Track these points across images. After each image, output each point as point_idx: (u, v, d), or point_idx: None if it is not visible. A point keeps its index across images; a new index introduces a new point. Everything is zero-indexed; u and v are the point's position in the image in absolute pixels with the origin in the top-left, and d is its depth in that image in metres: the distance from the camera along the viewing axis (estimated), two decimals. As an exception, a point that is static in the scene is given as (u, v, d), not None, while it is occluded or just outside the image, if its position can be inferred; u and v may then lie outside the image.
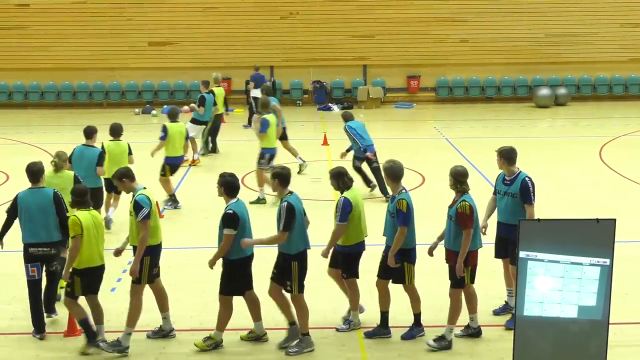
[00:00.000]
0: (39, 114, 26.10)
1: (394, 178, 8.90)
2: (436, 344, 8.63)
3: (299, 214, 8.55)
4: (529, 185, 9.01)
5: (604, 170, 17.24)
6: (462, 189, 8.76)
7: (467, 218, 8.52)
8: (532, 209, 8.98)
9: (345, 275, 9.07)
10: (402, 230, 8.66)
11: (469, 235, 8.54)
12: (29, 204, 8.96)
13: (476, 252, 8.75)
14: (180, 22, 26.88)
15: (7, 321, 9.39)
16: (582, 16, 27.20)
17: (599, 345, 7.23)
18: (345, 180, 8.94)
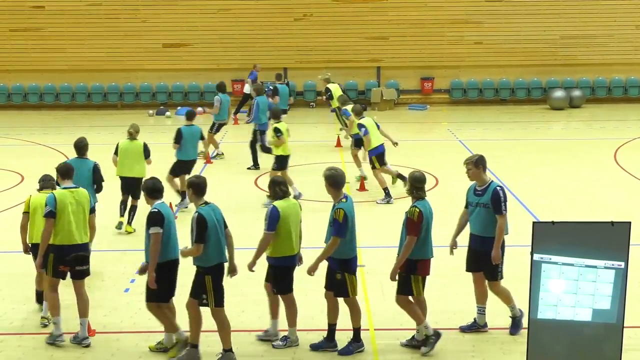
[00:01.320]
0: (54, 115, 26.25)
1: (335, 186, 8.54)
2: (429, 347, 8.55)
3: (213, 226, 8.20)
4: (500, 195, 8.70)
5: (619, 173, 17.14)
6: (418, 194, 8.56)
7: (414, 225, 8.37)
8: (503, 219, 8.71)
9: (275, 290, 8.70)
10: (334, 240, 8.33)
11: (411, 241, 8.39)
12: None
13: (427, 262, 8.56)
14: (194, 24, 26.95)
15: (21, 321, 9.44)
16: (597, 18, 27.07)
17: (614, 349, 7.18)
18: (276, 189, 8.60)
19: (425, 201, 8.58)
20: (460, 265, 11.15)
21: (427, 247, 8.53)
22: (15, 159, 18.96)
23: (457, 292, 10.21)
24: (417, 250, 8.47)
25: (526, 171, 17.19)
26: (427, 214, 8.49)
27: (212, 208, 8.32)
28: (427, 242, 8.52)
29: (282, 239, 8.53)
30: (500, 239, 8.75)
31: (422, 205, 8.51)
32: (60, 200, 8.60)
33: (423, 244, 8.49)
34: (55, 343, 8.70)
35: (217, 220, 8.28)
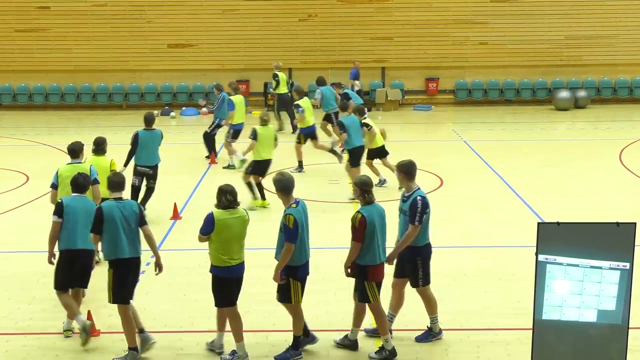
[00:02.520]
0: (59, 115, 26.31)
1: (284, 191, 8.35)
2: (377, 355, 8.46)
3: (111, 220, 8.14)
4: (418, 205, 8.44)
5: (624, 174, 17.11)
6: (368, 198, 8.37)
7: (355, 230, 8.18)
8: (413, 229, 8.46)
9: (214, 302, 8.45)
10: (288, 246, 8.12)
11: (354, 247, 8.23)
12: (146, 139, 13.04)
13: (377, 268, 8.35)
14: (199, 24, 26.99)
15: (26, 321, 9.46)
16: (602, 18, 27.03)
17: (619, 350, 7.17)
18: (222, 199, 8.28)
19: (373, 206, 8.37)
20: (463, 266, 11.18)
21: (376, 253, 8.29)
22: (21, 159, 19.00)
23: (461, 294, 10.21)
24: (366, 257, 8.30)
25: (531, 172, 17.17)
26: (373, 219, 8.25)
27: (117, 204, 8.33)
28: (374, 247, 8.28)
29: (218, 247, 8.23)
30: (403, 246, 8.52)
31: (368, 210, 8.28)
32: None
33: (370, 249, 8.27)
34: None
35: (124, 216, 8.29)
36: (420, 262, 8.72)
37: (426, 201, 8.59)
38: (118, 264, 8.35)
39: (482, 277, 10.78)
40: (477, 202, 14.77)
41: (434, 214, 13.82)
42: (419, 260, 8.70)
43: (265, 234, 12.76)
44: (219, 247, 8.23)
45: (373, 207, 8.37)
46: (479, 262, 11.38)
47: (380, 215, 8.39)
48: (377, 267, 8.39)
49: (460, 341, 8.87)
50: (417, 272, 8.72)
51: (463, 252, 11.92)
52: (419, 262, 8.70)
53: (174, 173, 16.50)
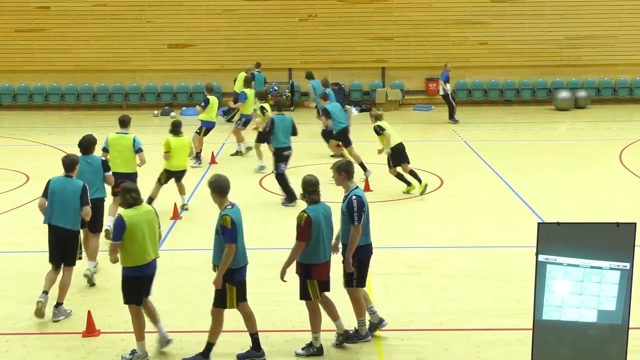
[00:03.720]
0: (59, 115, 26.31)
1: (218, 192, 8.27)
2: (304, 351, 8.46)
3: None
4: (354, 204, 8.37)
5: (624, 174, 17.11)
6: (310, 198, 8.38)
7: (300, 230, 8.17)
8: (355, 229, 8.39)
9: (123, 299, 8.40)
10: (230, 248, 8.00)
11: (298, 247, 8.22)
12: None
13: (321, 266, 8.37)
14: (199, 25, 26.99)
15: (26, 321, 9.46)
16: (602, 18, 27.03)
17: (619, 350, 7.17)
18: (126, 197, 8.29)
19: (318, 205, 8.39)
20: (463, 267, 11.18)
21: (320, 252, 8.32)
22: (21, 159, 19.00)
23: (461, 294, 10.21)
24: (310, 255, 8.31)
25: (531, 172, 17.17)
26: (319, 218, 8.28)
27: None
28: (319, 246, 8.30)
29: (129, 249, 8.22)
30: (353, 248, 8.46)
31: (314, 210, 8.32)
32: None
33: (315, 248, 8.28)
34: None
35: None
36: (357, 263, 8.57)
37: (362, 200, 8.48)
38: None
39: (482, 277, 10.78)
40: (477, 202, 14.78)
41: (434, 214, 13.96)
42: (356, 260, 8.57)
43: (266, 234, 12.78)
44: (132, 246, 8.23)
45: (319, 206, 8.41)
46: (478, 262, 11.38)
47: (326, 215, 8.43)
48: (321, 265, 8.38)
49: (460, 341, 8.86)
50: (352, 272, 8.58)
51: (463, 252, 11.92)
52: (355, 263, 8.57)
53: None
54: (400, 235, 12.74)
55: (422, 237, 12.69)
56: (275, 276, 10.82)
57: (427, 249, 12.02)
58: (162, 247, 12.00)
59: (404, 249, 11.99)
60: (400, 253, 11.79)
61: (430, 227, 13.23)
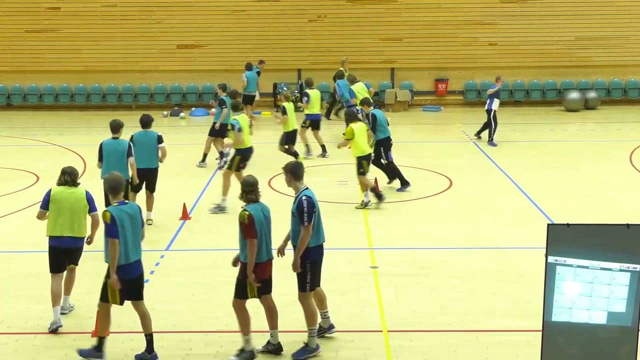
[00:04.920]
0: (69, 115, 26.39)
1: (111, 191, 8.43)
2: (238, 358, 8.39)
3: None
4: (304, 205, 8.27)
5: (634, 175, 17.04)
6: (248, 198, 8.38)
7: (245, 228, 8.19)
8: (305, 230, 8.27)
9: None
10: (111, 242, 8.08)
11: (251, 245, 8.20)
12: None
13: (262, 265, 8.33)
14: (208, 25, 27.01)
15: (35, 320, 9.49)
16: (612, 19, 26.91)
17: (629, 352, 7.14)
18: (61, 177, 9.29)
19: (258, 204, 8.41)
20: (472, 267, 11.16)
21: (261, 251, 8.29)
22: (31, 159, 19.07)
23: (470, 295, 10.18)
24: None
25: (541, 173, 17.13)
26: (260, 217, 8.29)
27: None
28: (261, 245, 8.28)
29: (53, 218, 9.19)
30: (302, 249, 8.34)
31: (254, 208, 8.33)
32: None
33: (258, 247, 8.27)
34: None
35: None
36: (309, 266, 8.43)
37: (312, 200, 8.38)
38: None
39: (491, 278, 10.76)
40: (486, 203, 14.74)
41: (443, 214, 13.93)
42: (308, 263, 8.42)
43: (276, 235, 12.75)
44: (52, 217, 9.24)
45: (258, 205, 8.43)
46: (488, 263, 11.35)
47: (266, 214, 8.44)
48: (262, 264, 8.34)
49: (469, 342, 8.84)
50: (305, 276, 8.44)
51: (472, 253, 11.90)
52: (308, 266, 8.43)
53: (184, 173, 16.53)
54: (409, 236, 12.73)
55: (431, 237, 12.67)
56: (281, 277, 10.84)
57: (436, 250, 12.00)
58: (171, 248, 12.08)
59: (413, 250, 11.98)
60: (409, 254, 11.77)
61: (439, 227, 13.21)
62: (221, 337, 8.87)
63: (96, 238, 9.38)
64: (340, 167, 17.52)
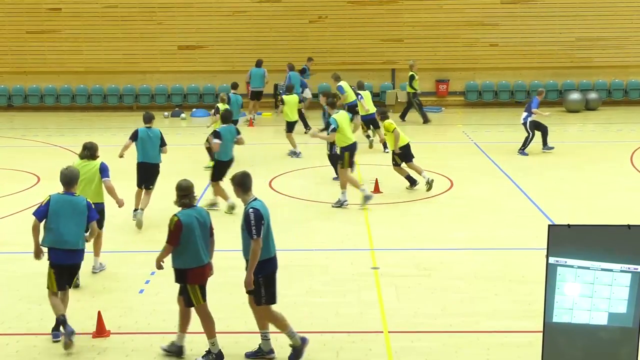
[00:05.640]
0: (70, 116, 26.42)
1: (64, 185, 8.88)
2: (203, 359, 8.39)
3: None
4: (250, 217, 7.96)
5: (635, 176, 17.04)
6: (182, 203, 8.32)
7: (170, 233, 8.17)
8: (254, 243, 7.97)
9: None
10: (34, 223, 8.81)
11: (166, 249, 8.22)
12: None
13: (197, 270, 8.28)
14: (209, 26, 27.04)
15: (37, 322, 9.49)
16: (613, 20, 26.92)
17: (630, 353, 7.14)
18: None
19: (191, 210, 8.33)
20: (474, 269, 11.16)
21: (194, 256, 8.23)
22: (32, 160, 19.08)
23: (472, 296, 10.18)
24: (185, 260, 8.25)
25: (542, 174, 17.13)
26: (191, 223, 8.21)
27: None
28: (193, 250, 8.23)
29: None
30: (254, 264, 8.07)
31: (186, 214, 8.26)
32: None
33: (189, 252, 8.22)
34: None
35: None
36: (263, 280, 8.20)
37: (259, 212, 8.03)
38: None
39: (492, 279, 10.76)
40: (487, 204, 14.74)
41: (444, 215, 13.93)
42: (261, 277, 8.18)
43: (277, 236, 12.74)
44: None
45: (192, 210, 8.34)
46: (489, 265, 11.35)
47: (201, 219, 8.34)
48: (197, 269, 8.29)
49: (471, 343, 8.84)
50: (259, 290, 8.21)
51: (473, 254, 11.90)
52: (261, 280, 8.19)
53: (184, 175, 16.51)
54: (410, 237, 12.73)
55: (432, 238, 12.67)
56: (285, 277, 10.83)
57: (437, 251, 12.00)
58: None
59: (414, 251, 11.98)
60: (410, 255, 11.77)
61: (441, 228, 13.21)
62: (222, 338, 8.85)
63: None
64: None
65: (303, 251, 11.98)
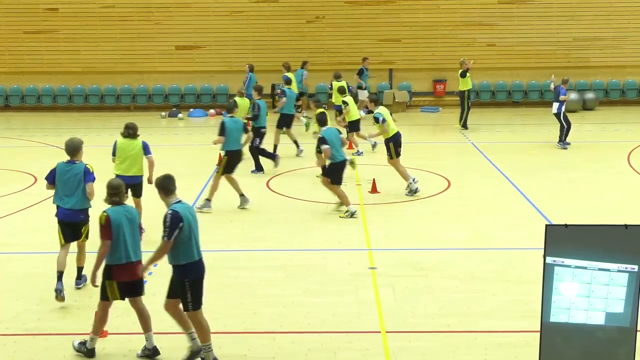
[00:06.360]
0: (67, 117, 26.39)
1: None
2: (78, 346, 8.51)
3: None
4: (167, 219, 7.94)
5: (632, 176, 17.06)
6: (112, 200, 8.41)
7: (102, 228, 8.26)
8: (163, 245, 7.98)
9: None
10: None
11: (103, 246, 8.26)
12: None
13: (122, 267, 8.31)
14: (207, 26, 27.03)
15: (34, 322, 9.48)
16: (610, 20, 26.97)
17: (627, 353, 7.14)
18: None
19: (120, 207, 8.41)
20: (471, 269, 11.17)
21: (121, 253, 8.29)
22: (29, 160, 19.06)
23: (469, 296, 10.19)
24: (110, 256, 8.32)
25: (539, 174, 17.14)
26: (119, 219, 8.30)
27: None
28: (120, 247, 8.27)
29: (117, 162, 10.67)
30: (154, 260, 8.14)
31: (114, 210, 8.35)
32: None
33: (116, 249, 8.28)
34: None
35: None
36: (189, 284, 8.09)
37: (177, 215, 7.96)
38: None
39: (490, 279, 10.76)
40: (485, 204, 14.75)
41: (442, 215, 13.94)
42: (187, 282, 8.09)
43: (274, 236, 12.80)
44: (117, 161, 12.19)
45: (121, 208, 8.42)
46: (486, 264, 11.36)
47: (129, 216, 8.42)
48: (122, 267, 8.34)
49: (468, 343, 8.85)
50: (185, 295, 8.12)
51: (471, 254, 11.91)
52: (187, 284, 8.09)
53: (182, 174, 16.49)
54: (407, 237, 12.74)
55: (430, 238, 12.68)
56: (282, 277, 10.84)
57: (435, 251, 12.01)
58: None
59: (412, 251, 11.98)
60: (407, 255, 11.78)
61: (438, 228, 13.22)
62: (220, 338, 8.85)
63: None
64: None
65: (300, 251, 11.98)
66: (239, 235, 12.83)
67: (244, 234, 12.91)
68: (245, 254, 11.84)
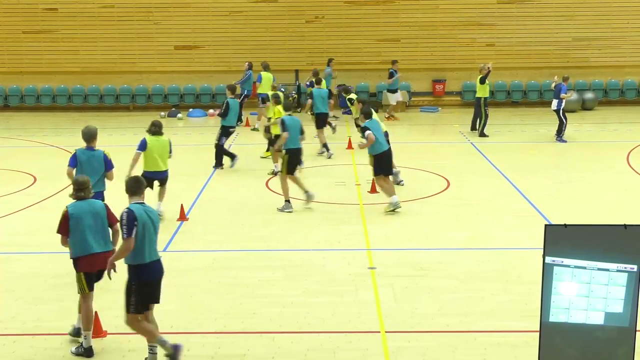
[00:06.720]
0: (67, 116, 26.39)
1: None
2: (75, 350, 8.55)
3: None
4: (123, 217, 7.98)
5: (632, 176, 17.06)
6: (77, 195, 8.56)
7: (60, 223, 8.47)
8: (124, 243, 7.98)
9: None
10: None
11: (61, 240, 8.54)
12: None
13: (86, 259, 8.45)
14: (206, 26, 27.03)
15: (34, 322, 9.48)
16: (609, 20, 26.98)
17: (626, 353, 7.15)
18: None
19: (84, 202, 8.55)
20: (471, 269, 11.17)
21: (84, 244, 8.44)
22: (28, 160, 19.06)
23: (469, 296, 10.19)
24: (75, 248, 8.48)
25: (538, 174, 17.14)
26: (80, 213, 8.44)
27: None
28: (83, 240, 8.44)
29: (145, 159, 11.10)
30: (117, 258, 8.15)
31: (77, 206, 8.51)
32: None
33: (79, 242, 8.45)
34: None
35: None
36: (135, 287, 8.07)
37: (132, 214, 7.99)
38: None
39: (489, 279, 10.77)
40: (484, 204, 14.75)
41: (441, 216, 13.94)
42: (134, 284, 8.07)
43: (274, 236, 12.80)
44: (146, 158, 13.07)
45: (84, 203, 8.55)
46: (486, 264, 11.36)
47: (92, 211, 8.51)
48: (86, 258, 8.47)
49: (467, 343, 8.85)
50: (129, 296, 8.08)
51: (470, 254, 11.91)
52: (134, 287, 8.08)
53: (181, 174, 16.53)
54: (407, 237, 12.74)
55: (429, 238, 12.68)
56: (282, 277, 10.84)
57: (434, 251, 12.01)
58: (169, 249, 12.09)
59: (411, 251, 11.98)
60: (407, 255, 11.78)
61: (437, 228, 13.22)
62: (219, 338, 8.86)
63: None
64: (338, 168, 17.51)
65: (300, 251, 11.98)
66: (238, 235, 12.83)
67: (244, 234, 12.91)
68: (245, 254, 11.84)
